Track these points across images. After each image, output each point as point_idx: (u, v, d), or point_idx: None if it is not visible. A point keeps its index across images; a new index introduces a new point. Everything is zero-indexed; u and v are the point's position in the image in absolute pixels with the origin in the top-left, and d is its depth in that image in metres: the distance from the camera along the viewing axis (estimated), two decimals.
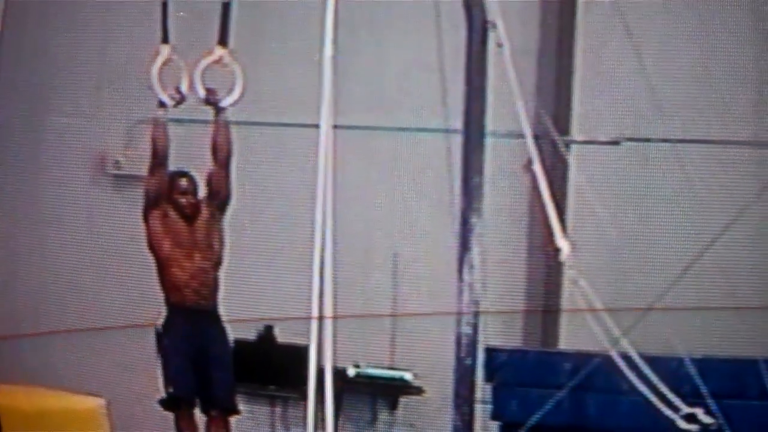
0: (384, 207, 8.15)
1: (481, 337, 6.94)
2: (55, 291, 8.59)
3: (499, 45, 6.86)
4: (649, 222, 7.70)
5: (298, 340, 7.17)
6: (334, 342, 6.60)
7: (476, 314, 6.79)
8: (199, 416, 6.56)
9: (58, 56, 8.68)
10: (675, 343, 6.76)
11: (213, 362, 6.55)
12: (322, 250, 6.56)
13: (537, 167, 6.83)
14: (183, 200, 6.56)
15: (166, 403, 6.49)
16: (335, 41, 6.56)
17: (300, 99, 7.60)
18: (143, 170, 7.68)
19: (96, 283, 8.53)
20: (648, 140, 7.52)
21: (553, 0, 7.97)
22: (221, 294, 6.63)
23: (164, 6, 6.56)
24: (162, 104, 6.49)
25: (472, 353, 6.87)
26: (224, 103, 6.61)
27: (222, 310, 6.68)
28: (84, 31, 8.62)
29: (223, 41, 6.55)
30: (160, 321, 6.64)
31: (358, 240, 7.95)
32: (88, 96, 8.73)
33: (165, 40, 6.50)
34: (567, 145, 7.53)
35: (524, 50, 7.61)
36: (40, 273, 8.65)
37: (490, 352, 7.12)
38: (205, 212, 6.61)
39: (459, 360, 6.86)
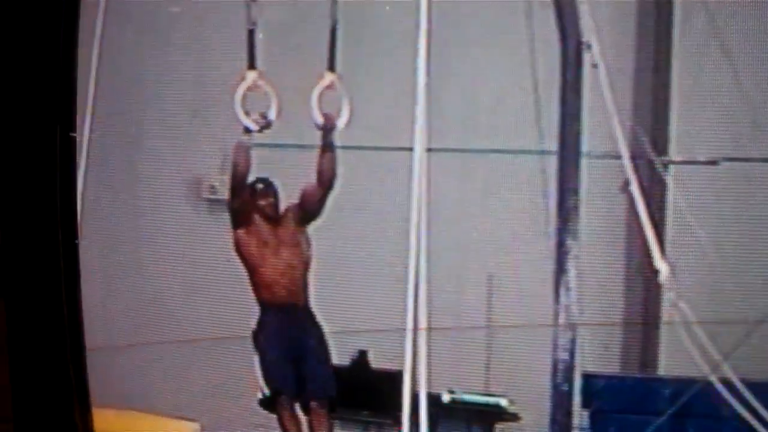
0: (478, 228, 8.01)
1: (578, 363, 6.80)
2: (151, 311, 8.59)
3: (594, 65, 6.79)
4: (749, 243, 7.45)
5: (392, 366, 7.07)
6: (429, 367, 6.51)
7: (573, 340, 6.66)
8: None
9: (153, 81, 8.71)
10: None
11: (309, 354, 6.51)
12: (417, 272, 6.52)
13: (634, 188, 6.73)
14: (263, 203, 6.63)
15: (265, 403, 6.43)
16: (428, 66, 6.52)
17: (395, 122, 7.53)
18: None
19: (190, 304, 8.52)
20: (748, 160, 7.30)
21: (649, 20, 7.79)
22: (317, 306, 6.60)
23: (251, 32, 6.63)
24: (247, 130, 6.55)
25: (569, 379, 6.75)
26: (336, 127, 6.66)
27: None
28: (179, 56, 8.64)
29: (331, 66, 6.62)
30: (255, 323, 6.66)
31: (452, 261, 7.82)
32: (184, 121, 8.75)
33: (251, 66, 6.57)
34: (665, 165, 7.35)
35: (620, 70, 7.45)
36: (136, 293, 8.67)
37: (588, 377, 6.96)
38: (289, 216, 6.65)
39: (555, 386, 6.75)
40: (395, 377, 6.77)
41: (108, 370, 7.93)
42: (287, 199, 7.07)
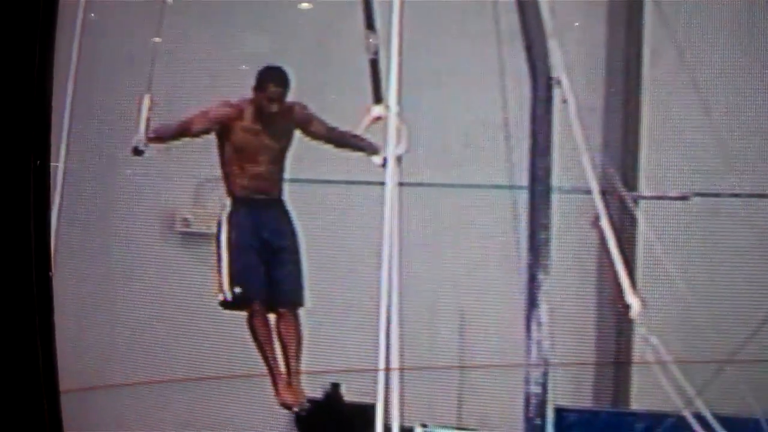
0: (450, 263, 7.84)
1: (550, 397, 6.64)
2: (124, 345, 8.38)
3: (564, 101, 6.66)
4: (720, 278, 7.30)
5: (365, 399, 6.89)
6: (402, 401, 6.33)
7: (545, 374, 6.49)
8: None
9: (127, 113, 8.54)
10: (750, 403, 6.38)
11: (281, 257, 6.25)
12: (389, 306, 6.34)
13: (605, 223, 6.59)
14: (273, 88, 6.31)
15: (229, 305, 6.15)
16: (400, 98, 6.38)
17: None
18: (211, 228, 7.50)
19: (164, 337, 8.32)
20: (718, 195, 7.15)
21: (618, 56, 7.67)
22: None
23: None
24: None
25: (542, 413, 6.58)
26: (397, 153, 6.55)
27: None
28: (153, 88, 8.47)
29: (378, 98, 6.47)
30: (223, 214, 6.37)
31: (424, 296, 7.64)
32: (158, 154, 8.57)
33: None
34: (635, 200, 7.20)
35: (589, 106, 7.32)
36: (109, 327, 8.46)
37: (560, 412, 6.80)
38: (295, 109, 6.36)
39: (528, 420, 6.58)
40: (368, 411, 6.57)
41: (81, 400, 7.73)
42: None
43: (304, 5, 7.58)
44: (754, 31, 7.27)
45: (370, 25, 6.43)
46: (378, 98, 6.56)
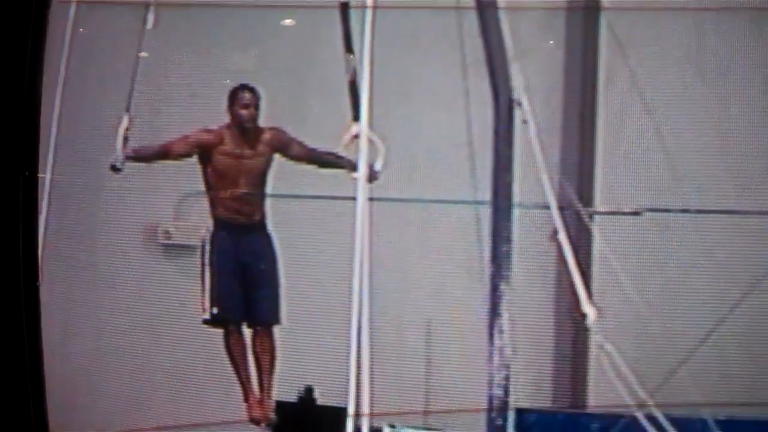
0: (417, 274, 7.98)
1: (511, 399, 6.77)
2: (108, 354, 8.46)
3: (525, 121, 6.81)
4: (671, 289, 7.47)
5: (337, 402, 7.01)
6: (371, 403, 6.47)
7: (507, 377, 6.65)
8: None
9: (113, 127, 8.62)
10: (700, 405, 6.54)
11: (261, 279, 6.32)
12: (359, 315, 6.47)
13: (562, 237, 6.72)
14: (244, 112, 6.37)
15: (209, 323, 6.27)
16: (370, 117, 6.51)
17: (337, 172, 7.49)
18: (192, 240, 7.61)
19: (147, 346, 8.40)
20: (668, 210, 7.33)
21: (575, 79, 7.82)
22: None
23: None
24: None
25: (504, 414, 6.71)
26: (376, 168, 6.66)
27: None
28: (139, 102, 8.55)
29: (356, 116, 6.56)
30: (206, 235, 6.46)
31: (392, 306, 7.77)
32: (142, 169, 8.65)
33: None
34: (591, 215, 7.36)
35: (548, 127, 7.47)
36: (94, 336, 8.54)
37: (521, 412, 6.93)
38: (266, 133, 6.42)
39: (491, 420, 6.71)
40: (339, 412, 6.70)
41: (67, 405, 7.80)
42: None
43: (286, 22, 7.69)
44: (703, 55, 7.45)
45: (348, 48, 6.57)
46: (357, 116, 6.67)
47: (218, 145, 6.61)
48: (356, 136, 6.64)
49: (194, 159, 6.98)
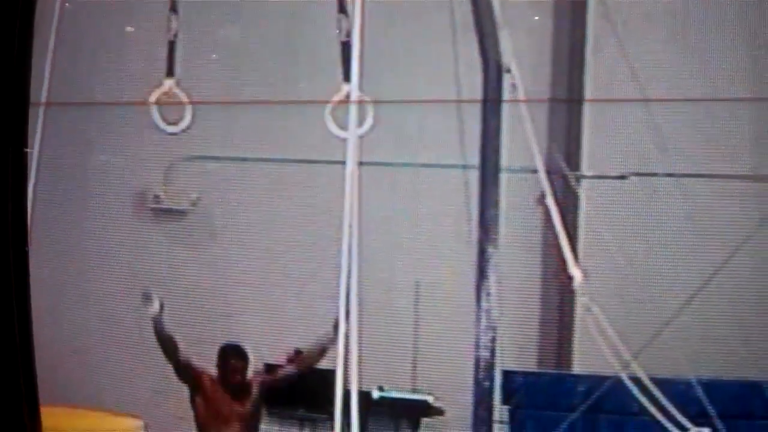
0: (406, 238, 7.94)
1: (498, 361, 6.76)
2: (98, 317, 8.40)
3: (513, 85, 6.76)
4: (656, 251, 7.47)
5: (326, 365, 6.98)
6: (360, 366, 6.43)
7: (494, 339, 6.62)
8: None
9: (103, 96, 8.54)
10: (683, 366, 6.55)
11: None
12: (349, 278, 6.42)
13: (550, 200, 6.70)
14: (232, 376, 6.49)
15: None
16: (361, 84, 6.46)
17: (329, 137, 7.45)
18: (181, 204, 7.54)
19: (136, 310, 8.35)
20: (654, 175, 7.32)
21: (563, 44, 7.80)
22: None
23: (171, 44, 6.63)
24: None
25: (490, 376, 6.70)
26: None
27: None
28: (127, 77, 8.48)
29: (347, 77, 6.51)
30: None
31: (381, 268, 7.74)
32: (131, 131, 8.58)
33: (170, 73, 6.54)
34: (577, 179, 7.34)
35: (536, 92, 7.44)
36: (84, 300, 8.47)
37: (507, 374, 6.92)
38: (254, 385, 6.54)
39: (477, 382, 6.69)
40: (328, 375, 6.65)
41: (56, 371, 7.73)
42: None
43: None
44: (689, 24, 7.44)
45: (342, 8, 6.50)
46: (348, 77, 6.60)
47: (208, 387, 6.63)
48: (346, 99, 6.59)
49: None
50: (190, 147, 8.00)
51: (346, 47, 6.43)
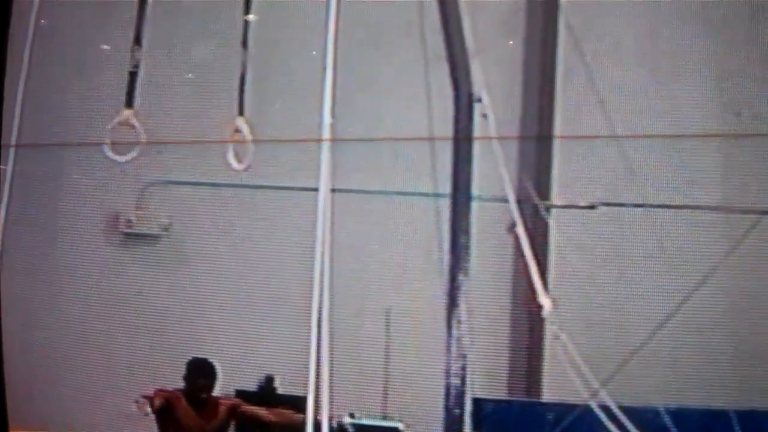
0: (377, 265, 7.93)
1: (468, 388, 6.75)
2: (69, 342, 8.33)
3: (484, 116, 6.78)
4: (625, 280, 7.49)
5: (297, 391, 6.94)
6: (331, 393, 6.40)
7: (464, 367, 6.61)
8: None
9: (75, 117, 8.48)
10: (651, 395, 6.56)
11: None
12: (320, 305, 6.40)
13: (520, 229, 6.71)
14: (201, 393, 6.51)
15: None
16: (333, 110, 6.44)
17: (301, 163, 7.43)
18: (153, 229, 7.50)
19: (106, 334, 8.28)
20: (622, 205, 7.34)
21: (534, 76, 7.82)
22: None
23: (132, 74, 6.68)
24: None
25: (461, 403, 6.69)
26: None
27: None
28: (103, 93, 8.43)
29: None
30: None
31: (353, 295, 7.72)
32: (104, 157, 8.52)
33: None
34: (547, 209, 7.35)
35: (507, 121, 7.45)
36: (55, 325, 8.40)
37: (478, 402, 6.91)
38: (222, 407, 6.56)
39: (448, 410, 6.68)
40: (300, 402, 6.62)
41: (26, 395, 7.66)
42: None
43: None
44: (657, 54, 7.47)
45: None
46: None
47: (176, 407, 6.66)
48: (236, 131, 6.63)
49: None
50: (163, 171, 7.97)
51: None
